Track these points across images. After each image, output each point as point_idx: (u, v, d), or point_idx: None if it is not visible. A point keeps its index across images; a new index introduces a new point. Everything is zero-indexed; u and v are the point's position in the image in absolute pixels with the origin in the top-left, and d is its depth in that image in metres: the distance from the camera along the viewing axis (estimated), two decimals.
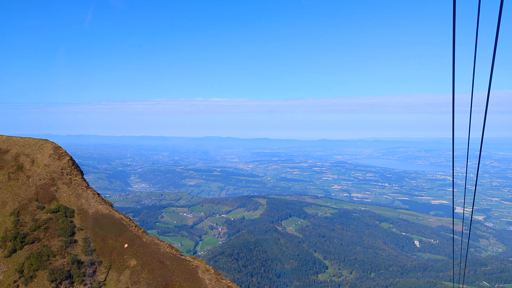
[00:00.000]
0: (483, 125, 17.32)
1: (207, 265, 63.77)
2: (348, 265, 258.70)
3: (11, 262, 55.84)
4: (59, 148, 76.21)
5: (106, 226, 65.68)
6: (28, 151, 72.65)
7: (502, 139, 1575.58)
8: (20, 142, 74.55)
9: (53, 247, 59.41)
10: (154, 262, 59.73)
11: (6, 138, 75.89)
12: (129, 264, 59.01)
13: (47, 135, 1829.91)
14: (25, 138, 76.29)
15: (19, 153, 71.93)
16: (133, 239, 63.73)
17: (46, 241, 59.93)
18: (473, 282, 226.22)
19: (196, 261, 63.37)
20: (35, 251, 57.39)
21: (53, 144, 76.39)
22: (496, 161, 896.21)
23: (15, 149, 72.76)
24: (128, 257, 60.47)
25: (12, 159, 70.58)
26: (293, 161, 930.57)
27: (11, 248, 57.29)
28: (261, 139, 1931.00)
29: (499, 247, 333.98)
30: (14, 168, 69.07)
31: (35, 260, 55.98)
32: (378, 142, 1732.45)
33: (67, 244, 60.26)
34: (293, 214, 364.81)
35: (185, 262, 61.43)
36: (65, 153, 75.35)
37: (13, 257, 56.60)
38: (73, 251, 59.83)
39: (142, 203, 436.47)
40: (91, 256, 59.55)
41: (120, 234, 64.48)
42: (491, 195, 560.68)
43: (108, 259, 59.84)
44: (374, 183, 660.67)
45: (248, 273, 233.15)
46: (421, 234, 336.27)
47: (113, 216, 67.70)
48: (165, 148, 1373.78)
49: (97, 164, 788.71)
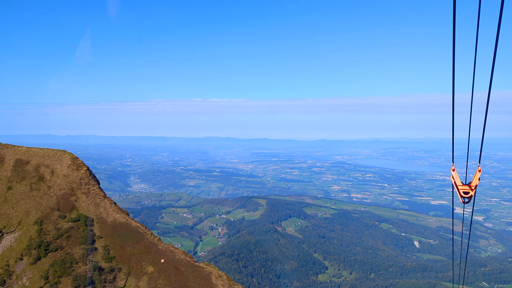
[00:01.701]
0: (484, 125, 17.03)
1: (220, 271, 67.08)
2: (348, 266, 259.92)
3: (36, 269, 59.08)
4: (76, 159, 79.54)
5: (124, 234, 68.95)
6: (48, 162, 75.94)
7: (502, 139, 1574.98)
8: (39, 153, 77.85)
9: (76, 254, 62.73)
10: (170, 269, 62.98)
11: (26, 149, 79.17)
12: (147, 270, 62.28)
13: (46, 135, 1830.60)
14: (44, 149, 79.45)
15: (39, 164, 75.28)
16: (149, 247, 67.04)
17: (69, 249, 63.23)
18: (472, 283, 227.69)
19: (209, 268, 66.66)
20: (59, 258, 60.65)
21: (70, 155, 79.66)
22: (495, 161, 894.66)
23: (35, 160, 76.10)
24: (146, 264, 63.78)
25: (33, 170, 73.93)
26: (292, 162, 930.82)
27: (36, 256, 60.57)
28: (260, 140, 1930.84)
29: (498, 247, 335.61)
30: (36, 179, 72.39)
31: (59, 267, 59.25)
32: (378, 143, 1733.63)
33: (88, 251, 63.62)
34: (293, 214, 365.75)
35: (199, 268, 64.71)
36: (82, 163, 78.67)
37: (38, 264, 59.87)
38: (94, 258, 63.17)
39: (142, 204, 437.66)
40: (111, 263, 62.83)
41: (137, 242, 67.76)
42: (491, 196, 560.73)
43: (126, 266, 63.11)
44: (374, 183, 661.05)
45: (249, 273, 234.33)
46: (421, 234, 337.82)
47: (130, 225, 71.00)
48: (164, 149, 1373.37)
49: (96, 164, 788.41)
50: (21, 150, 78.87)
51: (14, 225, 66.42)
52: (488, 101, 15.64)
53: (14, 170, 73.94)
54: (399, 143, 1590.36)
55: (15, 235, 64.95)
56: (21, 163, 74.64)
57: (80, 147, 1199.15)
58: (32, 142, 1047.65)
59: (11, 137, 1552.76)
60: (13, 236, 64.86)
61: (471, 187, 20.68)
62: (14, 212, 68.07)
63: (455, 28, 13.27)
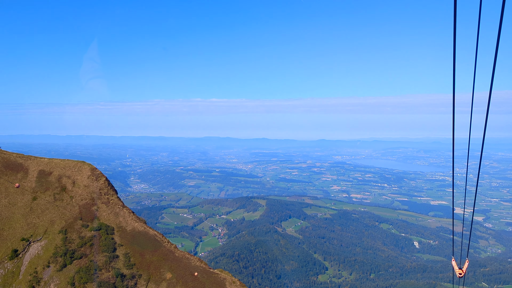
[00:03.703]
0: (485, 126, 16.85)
1: (233, 277, 70.84)
2: (348, 266, 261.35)
3: (63, 276, 62.80)
4: (95, 170, 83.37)
5: (143, 242, 72.76)
6: (69, 172, 79.77)
7: (502, 139, 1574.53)
8: (61, 164, 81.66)
9: (99, 261, 66.57)
10: (187, 275, 66.73)
11: (48, 161, 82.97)
12: (165, 277, 66.01)
13: (46, 135, 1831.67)
14: (64, 160, 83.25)
15: (61, 174, 79.06)
16: (167, 254, 70.80)
17: (92, 257, 67.05)
18: (472, 283, 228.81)
19: (223, 274, 70.45)
20: (84, 265, 64.45)
21: (90, 166, 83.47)
22: (495, 161, 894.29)
23: (57, 171, 79.88)
24: (164, 270, 67.55)
25: (55, 181, 77.71)
26: (292, 162, 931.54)
27: (62, 263, 64.34)
28: (259, 139, 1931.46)
29: (498, 248, 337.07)
30: (59, 189, 76.21)
31: (84, 274, 63.05)
32: (377, 143, 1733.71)
33: (111, 259, 67.35)
34: (292, 215, 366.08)
35: (214, 274, 68.53)
36: (101, 174, 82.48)
37: (64, 271, 63.62)
38: (116, 265, 66.93)
39: (143, 204, 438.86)
40: (132, 270, 66.60)
41: (156, 250, 71.58)
42: (490, 196, 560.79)
43: (146, 272, 66.87)
44: (373, 183, 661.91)
45: (249, 274, 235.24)
46: (421, 235, 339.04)
47: (148, 233, 74.81)
48: (164, 149, 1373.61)
49: (96, 164, 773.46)
50: (43, 161, 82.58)
51: (40, 234, 70.17)
52: (489, 101, 15.41)
53: (38, 181, 77.74)
54: (399, 143, 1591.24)
55: (41, 244, 68.69)
56: (44, 174, 78.43)
57: (80, 147, 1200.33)
58: (32, 142, 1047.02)
59: (11, 137, 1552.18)
60: (39, 244, 68.61)
61: (463, 271, 33.23)
62: (40, 221, 71.87)
63: (456, 29, 13.31)
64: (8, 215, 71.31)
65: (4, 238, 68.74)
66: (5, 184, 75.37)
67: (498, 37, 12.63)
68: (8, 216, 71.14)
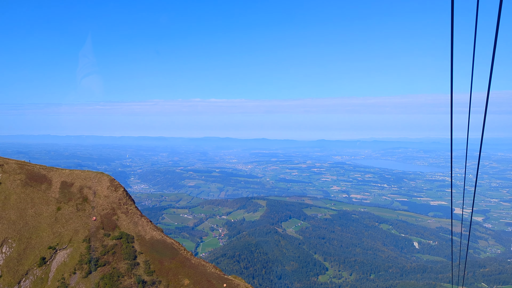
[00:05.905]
0: (483, 126, 16.68)
1: (246, 283, 74.99)
2: (348, 267, 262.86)
3: (88, 282, 66.99)
4: (114, 180, 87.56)
5: (161, 250, 76.98)
6: (90, 183, 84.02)
7: (501, 139, 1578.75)
8: (81, 175, 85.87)
9: (121, 269, 70.75)
10: (203, 281, 70.90)
11: (69, 172, 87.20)
12: (183, 283, 70.18)
13: (46, 135, 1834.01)
14: (85, 172, 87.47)
15: (82, 185, 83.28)
16: (184, 261, 75.01)
17: (115, 264, 71.25)
18: (472, 284, 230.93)
19: (237, 280, 74.72)
20: (107, 272, 68.68)
21: (108, 177, 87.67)
22: (495, 161, 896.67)
23: (78, 182, 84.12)
24: (182, 277, 71.77)
25: (77, 191, 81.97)
26: (291, 162, 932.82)
27: (87, 270, 68.55)
28: (259, 140, 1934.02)
29: (497, 248, 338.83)
30: (81, 200, 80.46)
31: (108, 280, 67.23)
32: (377, 143, 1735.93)
33: (132, 266, 71.57)
34: (293, 215, 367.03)
35: (228, 281, 72.73)
36: (119, 184, 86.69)
37: (89, 277, 67.85)
38: (137, 272, 71.19)
39: (143, 204, 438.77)
40: (152, 277, 70.88)
41: (173, 257, 75.81)
42: (490, 196, 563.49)
43: (165, 279, 71.11)
44: (373, 184, 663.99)
45: (250, 274, 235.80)
46: (420, 235, 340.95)
47: (165, 241, 79.07)
48: (164, 149, 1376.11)
49: (96, 165, 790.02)
50: (64, 172, 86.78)
51: (66, 243, 74.36)
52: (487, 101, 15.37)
53: (61, 192, 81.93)
54: (399, 143, 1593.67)
55: (67, 251, 72.89)
56: (66, 185, 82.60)
57: (79, 147, 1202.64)
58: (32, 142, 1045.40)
59: (11, 137, 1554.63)
60: (65, 252, 72.79)
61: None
62: (64, 230, 76.05)
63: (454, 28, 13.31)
64: (35, 224, 75.57)
65: (32, 247, 73.01)
66: (31, 194, 79.63)
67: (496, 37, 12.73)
68: (35, 226, 75.40)
